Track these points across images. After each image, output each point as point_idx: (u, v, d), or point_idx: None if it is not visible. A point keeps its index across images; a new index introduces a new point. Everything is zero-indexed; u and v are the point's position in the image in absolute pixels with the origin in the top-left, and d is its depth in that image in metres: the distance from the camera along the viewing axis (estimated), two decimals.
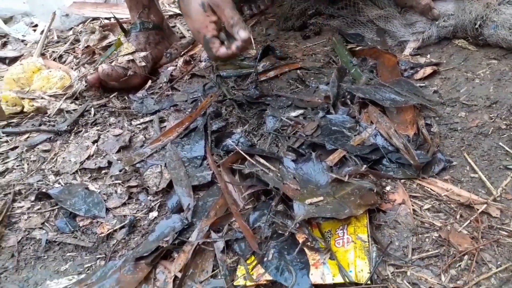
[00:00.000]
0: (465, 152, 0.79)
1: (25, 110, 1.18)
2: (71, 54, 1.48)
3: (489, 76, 0.94)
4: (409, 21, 1.14)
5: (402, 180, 0.76)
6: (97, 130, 1.06)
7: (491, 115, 0.85)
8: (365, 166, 0.76)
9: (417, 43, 1.10)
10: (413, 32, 1.13)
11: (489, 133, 0.81)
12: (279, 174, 0.78)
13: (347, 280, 0.59)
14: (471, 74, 0.97)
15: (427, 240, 0.65)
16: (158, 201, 0.82)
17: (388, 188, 0.75)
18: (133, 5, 1.23)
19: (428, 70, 1.01)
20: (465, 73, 0.98)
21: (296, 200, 0.69)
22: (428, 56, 1.07)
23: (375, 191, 0.71)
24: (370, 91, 0.91)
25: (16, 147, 1.06)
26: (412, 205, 0.71)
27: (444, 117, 0.88)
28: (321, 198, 0.69)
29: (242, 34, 0.83)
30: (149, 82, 1.20)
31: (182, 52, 1.31)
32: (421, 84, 0.98)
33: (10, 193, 0.91)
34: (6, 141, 1.09)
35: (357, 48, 1.13)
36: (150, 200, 0.83)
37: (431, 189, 0.74)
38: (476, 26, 1.01)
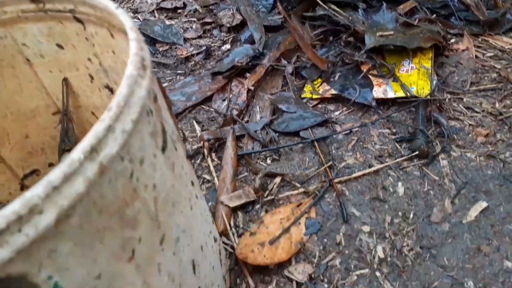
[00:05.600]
0: None
1: None
2: None
3: None
4: None
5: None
6: None
7: None
8: (434, 15, 0.79)
9: None
10: None
11: None
12: (350, 18, 0.82)
13: (408, 94, 0.65)
14: None
15: (486, 78, 0.70)
16: (231, 36, 0.89)
17: (453, 40, 0.78)
18: None
19: None
20: None
21: (367, 32, 0.73)
22: None
23: (442, 34, 0.74)
24: None
25: None
26: (475, 52, 0.75)
27: None
28: (391, 32, 0.73)
29: None
30: None
31: None
32: None
33: None
34: None
35: None
36: (224, 35, 0.90)
37: (495, 43, 0.77)
38: None
